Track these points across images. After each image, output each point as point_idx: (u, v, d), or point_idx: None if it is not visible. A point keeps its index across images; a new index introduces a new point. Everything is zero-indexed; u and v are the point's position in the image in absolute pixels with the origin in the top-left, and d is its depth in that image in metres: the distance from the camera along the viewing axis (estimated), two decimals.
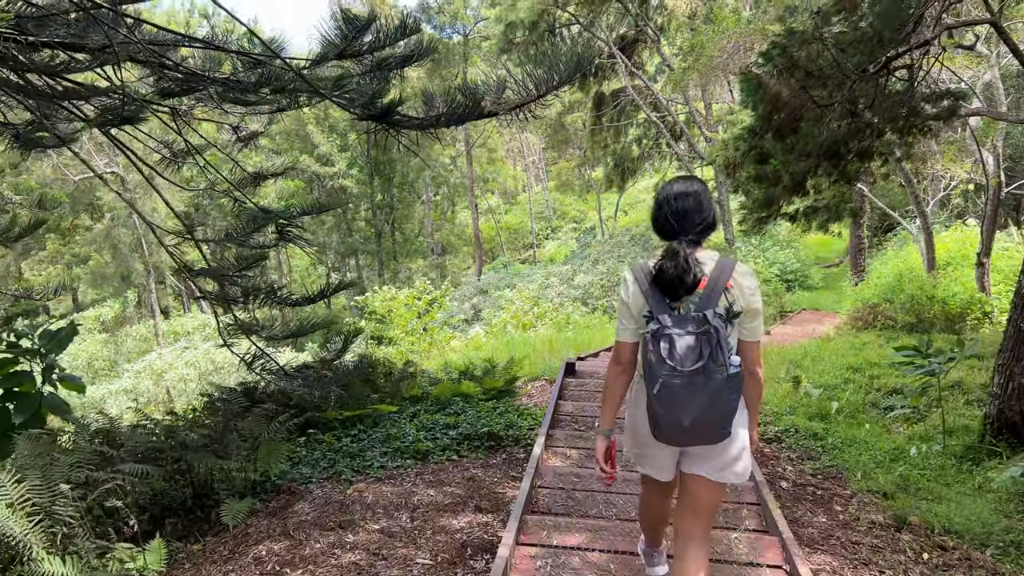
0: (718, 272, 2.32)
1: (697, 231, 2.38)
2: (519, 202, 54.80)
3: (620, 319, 2.52)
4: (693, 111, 24.60)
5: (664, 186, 2.50)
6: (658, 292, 2.34)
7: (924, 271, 14.86)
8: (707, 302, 2.29)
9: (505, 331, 12.41)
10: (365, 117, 5.47)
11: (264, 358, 6.28)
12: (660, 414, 2.30)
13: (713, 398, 2.23)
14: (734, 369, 2.26)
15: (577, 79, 12.49)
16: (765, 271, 21.65)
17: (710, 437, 2.34)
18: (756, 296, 2.36)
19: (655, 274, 2.33)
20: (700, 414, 2.25)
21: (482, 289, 26.94)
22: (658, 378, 2.24)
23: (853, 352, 9.64)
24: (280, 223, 6.78)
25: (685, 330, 2.23)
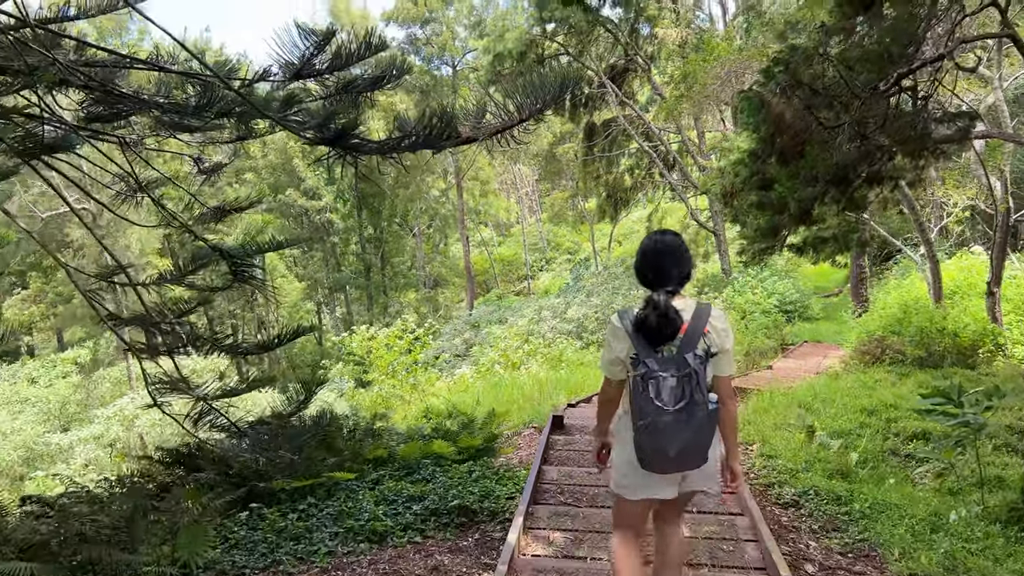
0: (696, 319, 2.58)
1: (675, 282, 2.62)
2: (513, 234, 54.36)
3: (608, 362, 2.72)
4: (686, 140, 24.19)
5: (645, 240, 2.77)
6: (642, 338, 2.56)
7: (931, 301, 14.24)
8: (687, 346, 2.52)
9: (493, 371, 11.71)
10: (317, 141, 4.81)
11: (212, 414, 5.56)
12: (648, 447, 2.56)
13: (695, 432, 2.50)
14: (712, 406, 2.54)
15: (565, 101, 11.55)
16: (764, 302, 20.99)
17: (691, 464, 2.61)
18: (729, 337, 2.66)
19: (638, 323, 2.55)
20: (684, 446, 2.51)
21: (474, 323, 26.23)
22: (647, 416, 2.50)
23: (865, 392, 8.95)
24: (234, 262, 6.05)
25: (669, 372, 2.48)
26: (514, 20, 24.92)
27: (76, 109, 5.11)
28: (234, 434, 5.57)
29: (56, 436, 14.74)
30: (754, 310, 20.68)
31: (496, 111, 4.74)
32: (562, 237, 49.09)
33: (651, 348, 2.53)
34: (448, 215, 36.83)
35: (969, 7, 6.86)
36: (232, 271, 6.10)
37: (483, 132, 4.89)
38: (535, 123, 5.04)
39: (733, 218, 10.86)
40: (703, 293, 21.74)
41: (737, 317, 19.74)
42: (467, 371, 12.27)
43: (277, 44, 4.66)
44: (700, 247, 32.14)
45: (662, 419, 2.46)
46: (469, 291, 32.07)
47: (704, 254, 31.66)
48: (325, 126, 4.86)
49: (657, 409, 2.47)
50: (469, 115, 4.84)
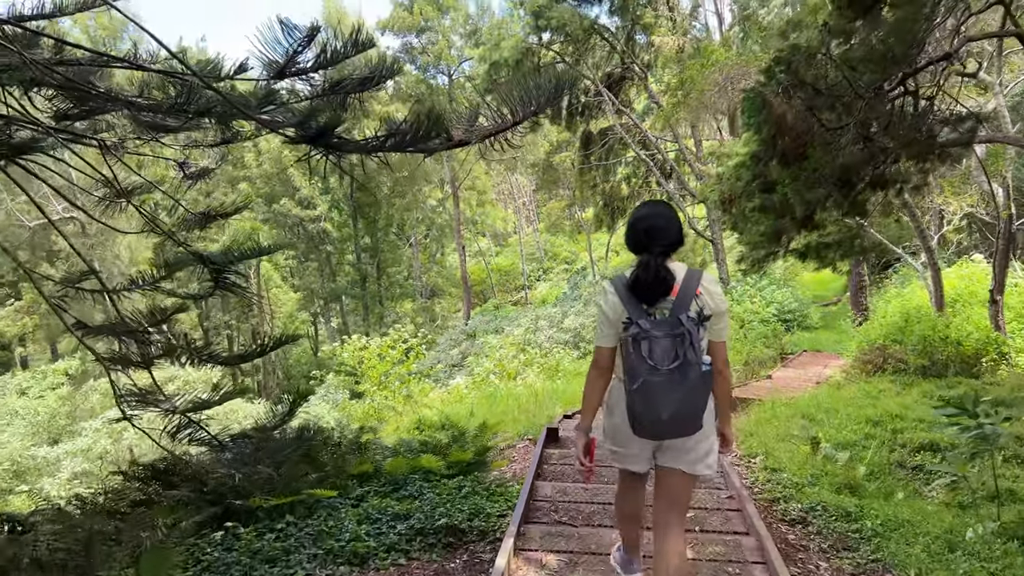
0: (688, 280, 2.61)
1: (666, 245, 2.64)
2: (510, 244, 54.19)
3: (600, 327, 2.74)
4: (683, 148, 24.03)
5: (636, 208, 2.81)
6: (635, 299, 2.60)
7: (932, 310, 14.03)
8: (680, 307, 2.55)
9: (488, 381, 11.45)
10: (297, 140, 4.58)
11: (192, 428, 5.31)
12: (640, 410, 2.53)
13: (688, 393, 2.49)
14: (706, 367, 2.54)
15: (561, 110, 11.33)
16: (763, 311, 20.77)
17: (685, 429, 2.59)
18: (723, 301, 2.65)
19: (632, 282, 2.61)
20: (677, 408, 2.49)
21: (470, 333, 25.98)
22: (639, 376, 2.49)
23: (869, 402, 8.71)
24: (214, 269, 5.80)
25: (662, 332, 2.48)
26: (510, 29, 24.80)
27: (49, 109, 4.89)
28: (215, 448, 5.32)
29: (43, 449, 14.42)
30: (753, 319, 20.44)
31: (489, 114, 4.55)
32: (559, 247, 48.92)
33: (643, 310, 2.58)
34: (445, 225, 36.64)
35: (975, 6, 6.68)
36: (214, 278, 5.85)
37: (476, 135, 4.69)
38: (529, 126, 4.87)
39: (732, 225, 10.65)
40: None
41: (736, 326, 19.51)
42: (462, 382, 12.00)
43: (260, 41, 4.43)
44: (698, 256, 31.94)
45: (654, 379, 2.48)
46: (466, 301, 31.83)
47: (702, 263, 31.46)
48: (305, 124, 4.63)
49: (650, 369, 2.48)
50: (461, 118, 4.68)
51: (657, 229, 2.66)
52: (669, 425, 2.54)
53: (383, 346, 11.01)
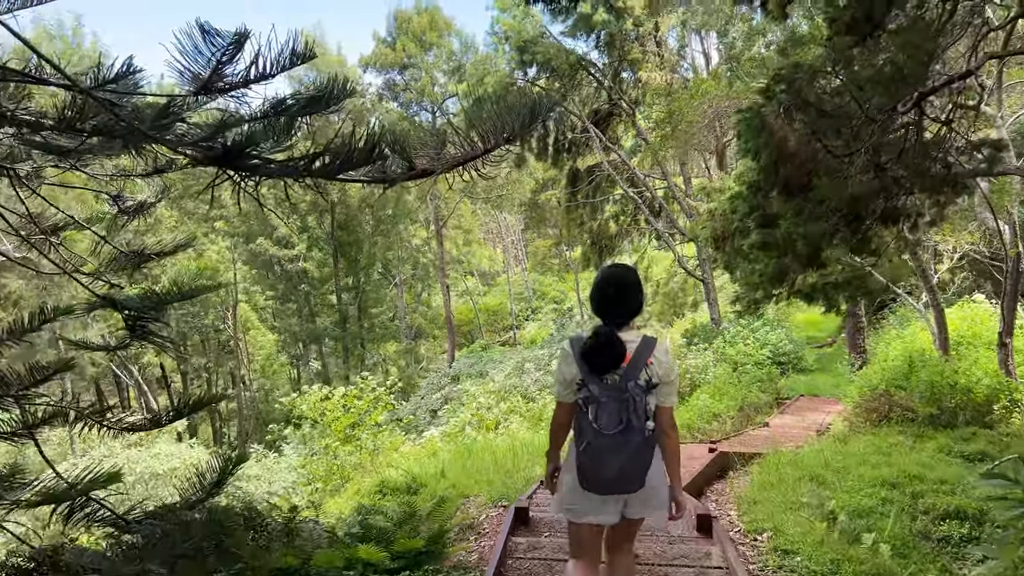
0: (641, 349, 2.76)
1: (624, 315, 2.82)
2: (498, 283, 53.56)
3: (559, 384, 2.88)
4: (672, 186, 23.47)
5: (599, 273, 2.92)
6: (588, 365, 2.74)
7: (936, 353, 13.30)
8: (630, 375, 2.72)
9: (464, 433, 10.52)
10: (202, 160, 3.76)
11: (91, 505, 4.40)
12: (588, 467, 2.72)
13: (632, 455, 2.69)
14: (649, 432, 2.72)
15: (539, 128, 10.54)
16: (756, 353, 19.96)
17: (629, 487, 2.77)
18: (673, 371, 2.80)
19: (584, 351, 2.73)
20: (621, 468, 2.69)
21: (454, 376, 25.02)
22: (586, 438, 2.71)
23: (882, 459, 7.86)
24: (129, 315, 4.91)
25: (609, 398, 2.68)
26: (495, 64, 24.40)
27: None
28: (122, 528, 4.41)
29: None
30: (746, 362, 19.63)
31: (458, 140, 3.97)
32: (548, 286, 48.27)
33: (596, 375, 2.71)
34: (430, 264, 35.89)
35: (994, 20, 6.03)
36: (129, 326, 4.96)
37: (442, 164, 4.06)
38: (503, 154, 4.31)
39: (725, 265, 9.92)
40: (692, 344, 20.69)
41: (729, 370, 18.70)
42: (436, 433, 11.05)
43: (178, 51, 3.60)
44: (688, 296, 31.25)
45: (600, 441, 2.65)
46: (450, 343, 30.90)
47: (693, 303, 30.76)
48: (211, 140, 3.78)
49: (595, 432, 2.66)
50: (426, 145, 4.00)
51: (615, 298, 2.81)
52: (614, 483, 2.72)
53: (348, 396, 10.08)
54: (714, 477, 7.79)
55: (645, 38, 22.52)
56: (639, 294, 2.85)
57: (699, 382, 17.77)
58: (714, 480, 7.73)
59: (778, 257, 5.62)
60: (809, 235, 5.21)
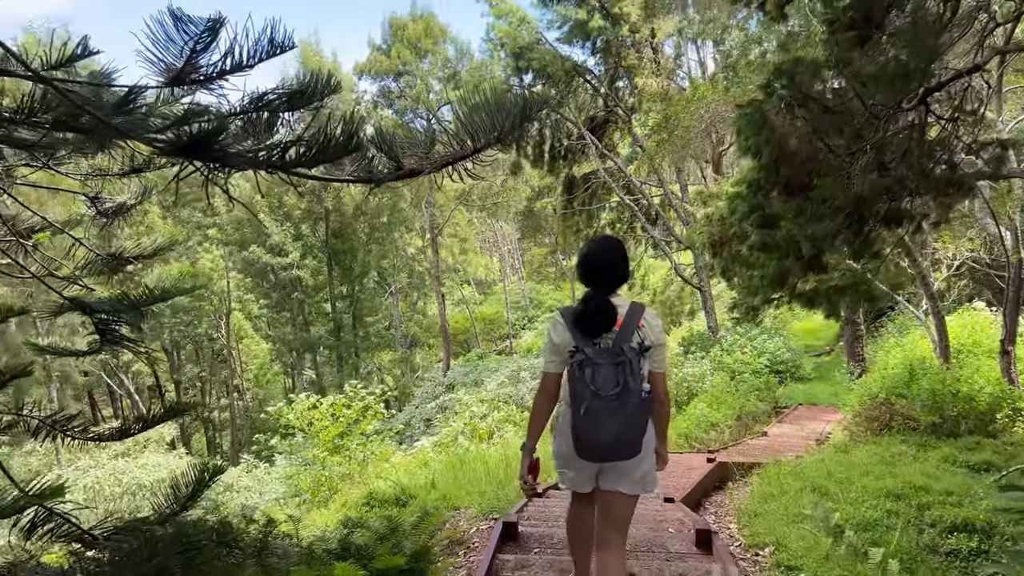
0: (631, 313, 2.82)
1: (611, 281, 2.87)
2: (495, 292, 53.35)
3: (548, 355, 2.90)
4: (668, 193, 23.29)
5: (586, 243, 2.98)
6: (580, 330, 2.78)
7: (936, 361, 13.10)
8: (623, 338, 2.75)
9: (457, 443, 10.26)
10: (167, 151, 3.53)
11: (55, 521, 4.15)
12: (583, 433, 2.70)
13: (628, 418, 2.67)
14: (646, 394, 2.72)
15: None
16: (754, 362, 19.74)
17: (626, 452, 2.75)
18: (662, 334, 2.90)
19: (576, 316, 2.79)
20: (618, 432, 2.67)
21: (449, 385, 24.74)
22: (583, 401, 2.66)
23: (886, 470, 7.63)
24: (99, 320, 4.67)
25: (605, 360, 2.67)
26: (490, 71, 24.25)
27: None
28: (88, 544, 4.16)
29: None
30: (744, 370, 19.41)
31: (448, 140, 3.78)
32: (545, 295, 48.07)
33: (588, 339, 2.74)
34: (425, 273, 35.65)
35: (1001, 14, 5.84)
36: (99, 330, 4.72)
37: (430, 164, 3.86)
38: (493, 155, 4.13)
39: (722, 271, 9.70)
40: (689, 353, 20.46)
41: (726, 378, 18.49)
42: (427, 444, 10.78)
43: (149, 39, 3.37)
44: (685, 304, 31.06)
45: (597, 404, 2.62)
46: (445, 351, 30.62)
47: (690, 311, 30.57)
48: (176, 130, 3.55)
49: (593, 394, 2.63)
50: (415, 145, 3.80)
51: (603, 266, 2.84)
52: (611, 448, 2.70)
53: (337, 405, 9.79)
54: (712, 488, 7.55)
55: (641, 44, 22.39)
56: (625, 262, 2.90)
57: (696, 391, 17.54)
58: (712, 491, 7.49)
59: (779, 259, 5.41)
60: (812, 236, 5.00)
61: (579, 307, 2.78)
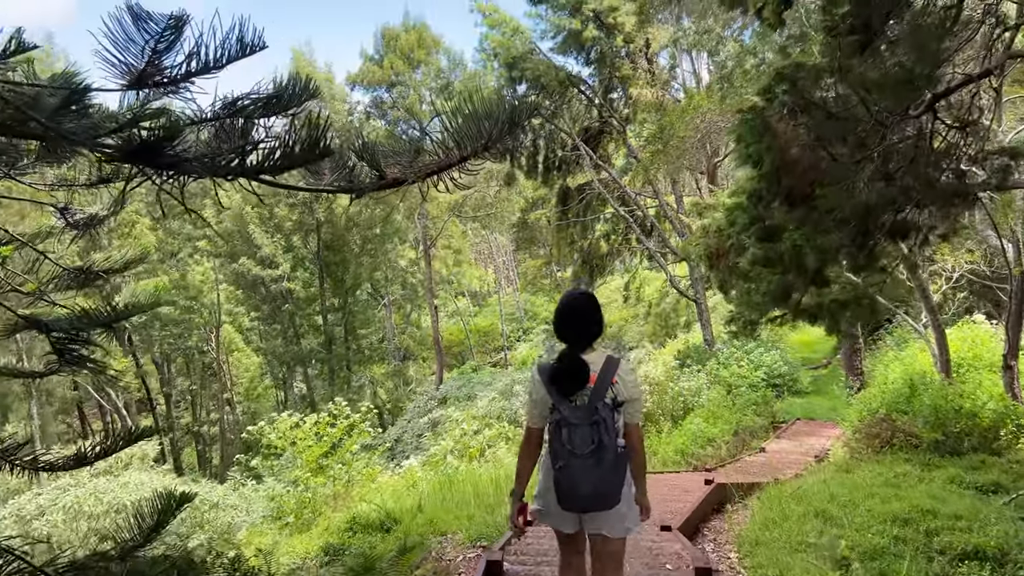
0: (605, 369, 2.88)
1: (585, 338, 2.95)
2: (490, 304, 53.04)
3: (529, 410, 3.03)
4: (663, 204, 23.07)
5: (561, 299, 3.09)
6: (556, 388, 2.86)
7: (937, 375, 12.82)
8: (597, 395, 2.83)
9: (445, 462, 9.89)
10: (117, 158, 3.23)
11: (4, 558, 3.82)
12: (563, 487, 2.83)
13: (605, 473, 2.79)
14: (621, 449, 2.84)
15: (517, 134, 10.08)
16: (751, 375, 19.41)
17: (604, 504, 2.87)
18: (637, 388, 3.02)
19: (552, 374, 2.87)
20: (595, 486, 2.80)
21: (442, 398, 24.37)
22: (561, 459, 2.81)
23: (890, 491, 7.32)
24: (56, 339, 4.35)
25: (581, 420, 2.78)
26: (483, 81, 24.07)
27: None
28: None
29: None
30: (740, 384, 19.09)
31: (433, 148, 3.52)
32: (539, 307, 47.77)
33: (564, 397, 2.83)
34: (419, 285, 35.35)
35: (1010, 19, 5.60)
36: (56, 349, 4.40)
37: (414, 174, 3.56)
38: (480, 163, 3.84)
39: (719, 284, 9.44)
40: (685, 366, 20.13)
41: (723, 392, 18.17)
42: (415, 463, 10.41)
43: (108, 39, 3.07)
44: (681, 316, 30.78)
45: (574, 462, 2.78)
46: (438, 364, 30.25)
47: (685, 323, 30.29)
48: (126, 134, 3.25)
49: (569, 453, 2.78)
50: (400, 153, 3.51)
51: (576, 324, 2.94)
52: (590, 500, 2.82)
53: (321, 424, 9.40)
54: (711, 511, 7.23)
55: (636, 55, 22.22)
56: (598, 318, 2.99)
57: (692, 405, 17.21)
58: (711, 515, 7.17)
59: (781, 273, 5.12)
60: (818, 248, 4.72)
61: (555, 365, 2.87)
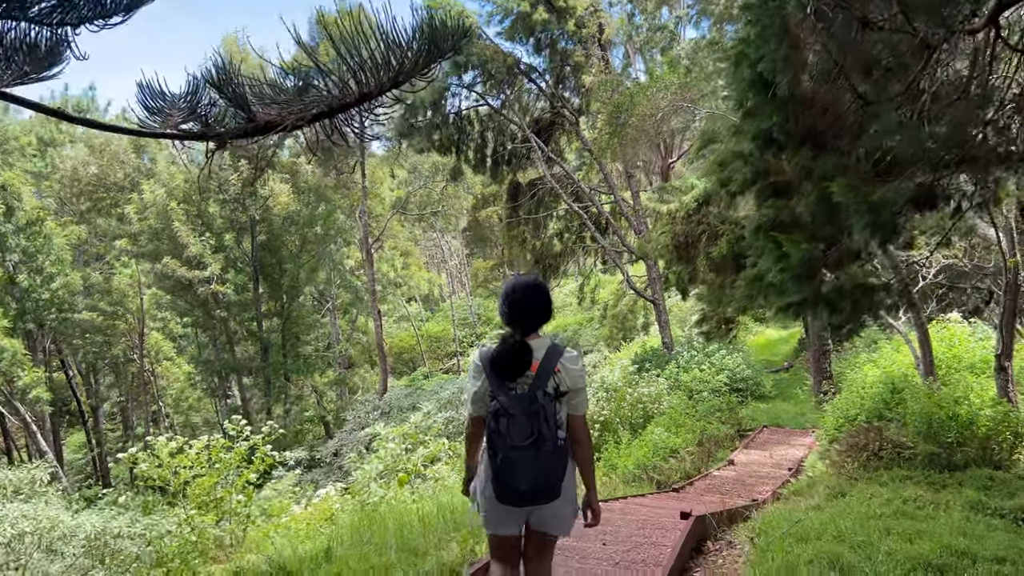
0: (548, 357, 2.77)
1: (531, 322, 2.84)
2: (443, 309, 51.51)
3: (469, 399, 2.89)
4: (619, 200, 21.77)
5: (507, 282, 2.95)
6: (496, 374, 2.75)
7: (918, 378, 11.75)
8: (538, 383, 2.72)
9: (368, 490, 8.19)
10: None
11: None
12: (502, 481, 2.71)
13: (544, 466, 2.67)
14: (561, 441, 2.74)
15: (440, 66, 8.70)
16: (713, 379, 18.23)
17: (543, 498, 2.76)
18: (581, 378, 2.84)
19: (493, 357, 2.75)
20: (534, 479, 2.68)
21: (384, 410, 22.62)
22: (499, 451, 2.68)
23: (906, 522, 5.99)
24: None
25: (519, 410, 2.65)
26: None
27: None
28: None
29: None
30: (703, 389, 17.88)
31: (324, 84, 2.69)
32: (492, 311, 46.31)
33: (504, 385, 2.73)
34: (365, 288, 33.53)
35: None
36: None
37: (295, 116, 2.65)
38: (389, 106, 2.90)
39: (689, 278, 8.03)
40: (643, 370, 18.81)
41: (684, 398, 16.92)
42: (332, 491, 8.74)
43: None
44: (637, 318, 29.60)
45: (511, 454, 2.64)
46: (382, 372, 28.43)
47: (643, 326, 29.11)
48: None
49: (507, 445, 2.65)
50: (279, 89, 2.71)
51: (523, 307, 2.81)
52: (529, 494, 2.70)
53: (214, 448, 7.63)
54: (690, 555, 5.76)
55: (588, 41, 20.91)
56: (547, 302, 2.86)
57: (652, 413, 15.87)
58: (691, 560, 5.70)
59: (808, 241, 3.69)
60: (880, 202, 3.30)
61: (497, 348, 2.75)
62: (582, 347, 30.76)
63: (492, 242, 29.04)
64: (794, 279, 3.89)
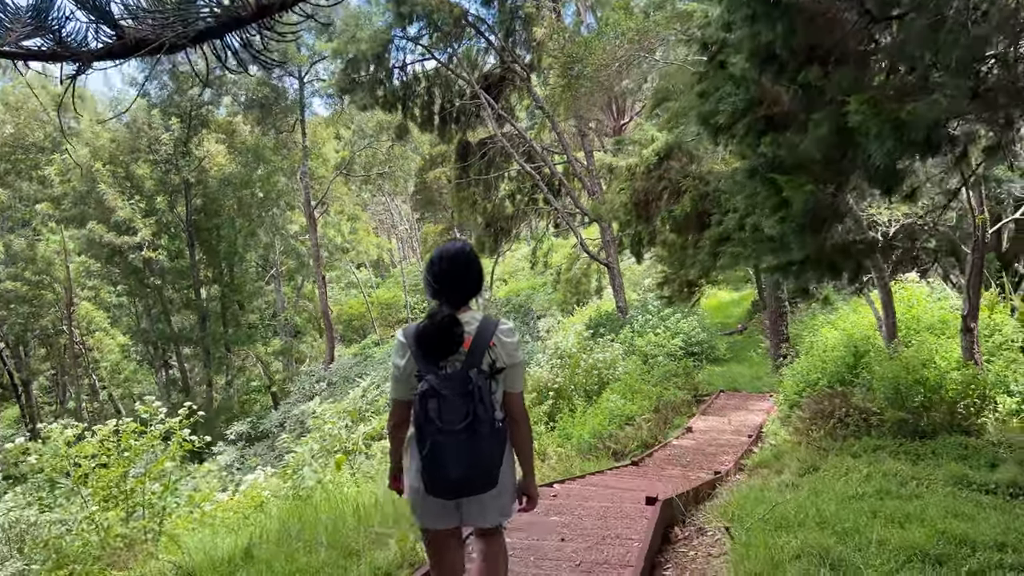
0: (481, 331, 2.52)
1: (461, 295, 2.57)
2: (394, 275, 50.40)
3: (393, 380, 2.59)
4: (572, 160, 20.99)
5: (436, 250, 2.67)
6: (424, 353, 2.45)
7: (880, 340, 11.45)
8: (472, 361, 2.46)
9: (300, 475, 7.41)
10: None
11: None
12: (431, 471, 2.42)
13: (479, 453, 2.42)
14: (499, 423, 2.50)
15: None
16: (668, 343, 17.82)
17: (477, 488, 2.49)
18: (518, 352, 2.59)
19: (418, 335, 2.46)
20: (468, 467, 2.41)
21: (331, 380, 21.68)
22: (427, 438, 2.39)
23: (891, 503, 5.48)
24: None
25: (452, 391, 2.38)
26: (369, 20, 21.20)
27: None
28: None
29: None
30: (657, 353, 17.46)
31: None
32: None
33: (433, 364, 2.45)
34: (309, 253, 32.26)
35: None
36: None
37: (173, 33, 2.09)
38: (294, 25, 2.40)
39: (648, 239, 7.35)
40: (598, 335, 18.31)
41: (639, 363, 16.46)
42: (260, 476, 7.92)
43: None
44: (591, 282, 29.10)
45: (442, 440, 2.38)
46: (328, 340, 27.39)
47: (596, 289, 28.63)
48: None
49: (438, 429, 2.38)
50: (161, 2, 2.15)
51: (450, 277, 2.56)
52: (462, 484, 2.45)
53: (124, 434, 6.68)
54: (659, 544, 5.15)
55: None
56: (477, 272, 2.61)
57: (608, 379, 15.36)
58: (660, 551, 5.09)
59: (806, 185, 3.01)
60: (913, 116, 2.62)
61: (423, 324, 2.45)
62: (535, 312, 30.17)
63: (442, 205, 28.03)
64: (796, 231, 3.20)
